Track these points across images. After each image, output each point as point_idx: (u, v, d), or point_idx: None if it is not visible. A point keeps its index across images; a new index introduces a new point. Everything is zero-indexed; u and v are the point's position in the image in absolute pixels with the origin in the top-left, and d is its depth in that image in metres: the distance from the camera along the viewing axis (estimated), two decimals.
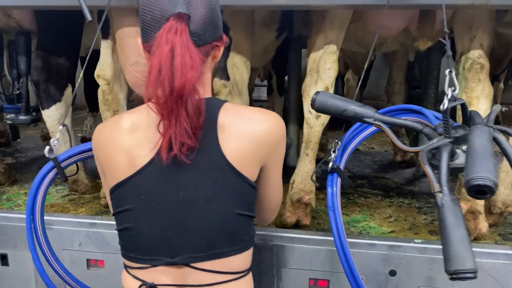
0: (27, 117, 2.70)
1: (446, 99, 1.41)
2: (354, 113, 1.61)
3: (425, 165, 1.37)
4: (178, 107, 1.10)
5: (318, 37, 2.36)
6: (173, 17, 1.11)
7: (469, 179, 1.19)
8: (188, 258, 1.20)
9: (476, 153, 1.26)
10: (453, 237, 1.22)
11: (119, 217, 1.26)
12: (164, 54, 1.09)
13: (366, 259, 1.99)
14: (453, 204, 1.27)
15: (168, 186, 1.19)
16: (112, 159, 1.23)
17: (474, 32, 2.20)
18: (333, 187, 1.78)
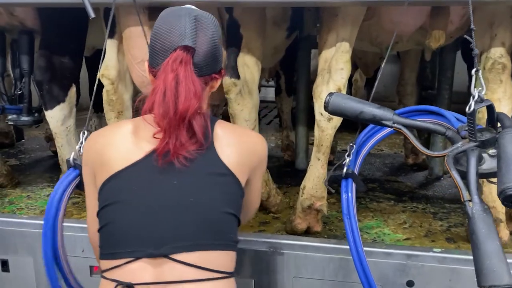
0: (29, 118, 2.62)
1: (472, 101, 1.31)
2: (372, 116, 1.51)
3: (452, 171, 1.28)
4: (180, 127, 1.25)
5: (329, 35, 2.26)
6: (180, 48, 1.27)
7: (505, 188, 1.10)
8: (171, 248, 1.22)
9: (510, 160, 1.16)
10: (487, 249, 1.13)
11: (103, 213, 1.30)
12: (169, 79, 1.24)
13: (382, 269, 1.90)
14: (485, 214, 1.18)
15: (160, 180, 1.27)
16: (107, 154, 1.31)
17: (495, 30, 2.10)
18: (348, 193, 1.68)
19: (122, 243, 1.25)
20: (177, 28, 1.28)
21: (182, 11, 1.32)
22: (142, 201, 1.26)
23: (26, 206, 2.71)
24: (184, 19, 1.29)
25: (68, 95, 2.56)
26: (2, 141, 4.37)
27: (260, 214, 2.57)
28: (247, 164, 1.38)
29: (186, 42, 1.27)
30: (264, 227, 2.43)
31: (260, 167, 1.46)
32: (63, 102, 2.55)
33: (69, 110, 2.60)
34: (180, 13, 1.31)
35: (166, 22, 1.31)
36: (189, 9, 1.34)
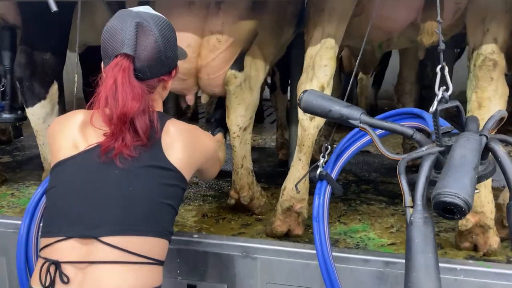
0: (11, 115, 2.58)
1: (435, 101, 1.21)
2: (340, 115, 1.43)
3: (400, 174, 1.20)
4: (123, 130, 1.33)
5: (315, 31, 2.18)
6: (120, 56, 1.35)
7: (436, 194, 1.00)
8: (101, 231, 1.28)
9: (452, 165, 1.07)
10: (416, 262, 1.04)
11: (48, 194, 1.41)
12: (109, 85, 1.32)
13: (359, 276, 1.80)
14: (424, 222, 1.08)
15: (101, 169, 1.34)
16: (59, 141, 1.41)
17: (488, 25, 1.98)
18: (321, 195, 1.60)
19: (56, 222, 1.34)
20: (118, 35, 1.36)
21: (126, 16, 1.39)
22: (81, 187, 1.34)
23: (8, 205, 2.67)
24: (126, 24, 1.36)
25: (49, 92, 2.51)
26: None
27: (243, 216, 2.50)
28: (194, 162, 1.48)
29: (125, 50, 1.35)
30: (245, 229, 2.35)
31: (209, 161, 1.60)
32: (44, 99, 2.50)
33: (51, 107, 2.55)
34: (124, 18, 1.39)
35: (111, 27, 1.39)
36: (135, 13, 1.40)
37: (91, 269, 1.26)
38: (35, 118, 2.53)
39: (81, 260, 1.27)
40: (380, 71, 5.99)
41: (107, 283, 1.26)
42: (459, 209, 1.01)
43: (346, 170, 3.54)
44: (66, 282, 1.25)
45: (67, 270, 1.26)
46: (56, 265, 1.26)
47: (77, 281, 1.26)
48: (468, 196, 1.02)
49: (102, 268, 1.26)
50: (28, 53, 2.45)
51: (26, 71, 2.45)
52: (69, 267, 1.26)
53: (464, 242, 2.09)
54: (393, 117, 1.62)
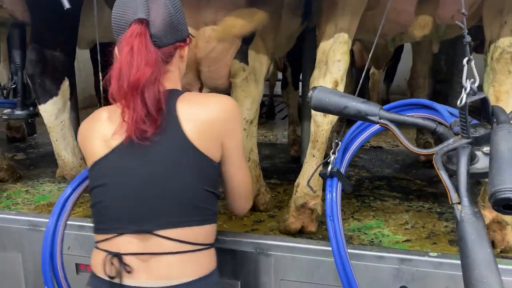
0: (23, 112, 2.61)
1: (464, 93, 1.19)
2: (357, 111, 1.40)
3: (440, 170, 1.16)
4: (134, 97, 1.29)
5: (328, 25, 2.15)
6: (134, 23, 1.32)
7: (496, 191, 0.97)
8: (152, 225, 1.32)
9: (503, 159, 1.03)
10: (477, 258, 1.01)
11: (93, 193, 1.42)
12: (125, 54, 1.29)
13: (374, 273, 1.78)
14: (475, 218, 1.06)
15: (136, 163, 1.34)
16: (91, 144, 1.41)
17: (505, 17, 1.94)
18: (333, 193, 1.58)
19: (109, 220, 1.37)
20: (130, 5, 1.35)
21: None
22: (123, 183, 1.36)
23: (22, 201, 2.69)
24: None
25: (61, 88, 2.53)
26: (13, 135, 4.42)
27: (256, 213, 2.49)
28: (212, 136, 1.38)
29: (139, 15, 1.33)
30: (258, 226, 2.34)
31: (229, 131, 1.42)
32: (56, 96, 2.51)
33: (63, 104, 2.56)
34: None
35: (120, 4, 1.39)
36: None
37: (152, 260, 1.31)
38: (48, 114, 2.54)
39: (141, 252, 1.32)
40: (392, 66, 5.94)
41: (169, 273, 1.32)
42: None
43: (359, 166, 3.52)
44: (129, 272, 1.31)
45: (129, 261, 1.32)
46: (118, 257, 1.31)
47: (140, 271, 1.31)
48: None
49: (163, 259, 1.31)
50: (38, 50, 2.47)
51: (37, 68, 2.47)
52: (130, 258, 1.32)
53: None
54: (401, 107, 1.59)
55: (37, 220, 2.15)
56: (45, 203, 2.63)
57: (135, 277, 1.31)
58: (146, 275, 1.31)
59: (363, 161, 3.68)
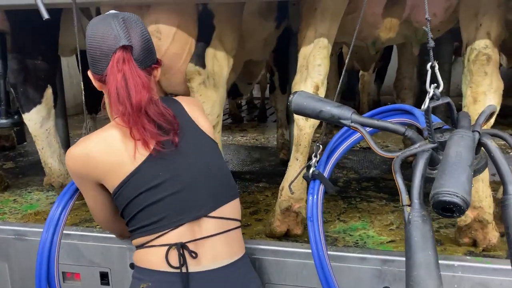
0: (7, 120, 2.61)
1: (427, 98, 1.21)
2: (331, 115, 1.43)
3: (396, 173, 1.19)
4: (140, 118, 1.40)
5: (308, 30, 2.18)
6: (119, 49, 1.40)
7: (434, 194, 1.00)
8: (207, 209, 1.45)
9: (448, 163, 1.06)
10: (417, 260, 1.04)
11: (135, 203, 1.44)
12: (119, 80, 1.38)
13: (356, 274, 1.80)
14: (422, 221, 1.08)
15: (176, 157, 1.45)
16: (114, 162, 1.42)
17: (480, 20, 1.97)
18: (314, 195, 1.60)
19: (165, 217, 1.42)
20: (110, 32, 1.41)
21: (109, 17, 1.45)
22: (172, 180, 1.44)
23: (10, 211, 2.70)
24: (113, 22, 1.42)
25: (44, 96, 2.53)
26: (2, 144, 4.41)
27: (243, 217, 2.50)
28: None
29: (122, 42, 1.40)
30: (245, 230, 2.36)
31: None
32: (39, 104, 2.52)
33: (47, 111, 2.57)
34: (108, 19, 1.44)
35: (98, 30, 1.43)
36: (114, 13, 1.47)
37: (207, 243, 1.44)
38: (32, 123, 2.55)
39: (197, 238, 1.43)
40: (382, 67, 5.98)
41: (221, 253, 1.45)
42: (458, 207, 1.01)
43: (348, 168, 3.54)
44: (195, 257, 1.41)
45: (191, 247, 1.42)
46: (183, 246, 1.40)
47: (200, 255, 1.42)
48: (466, 194, 1.02)
49: (214, 240, 1.45)
50: (20, 59, 2.48)
51: (19, 77, 2.48)
52: (191, 245, 1.42)
53: (463, 238, 2.08)
54: (382, 114, 1.62)
55: (23, 229, 2.16)
56: (32, 212, 2.64)
57: (196, 263, 1.42)
58: (204, 259, 1.42)
59: (352, 162, 3.70)
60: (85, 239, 2.07)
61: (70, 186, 1.75)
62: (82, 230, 2.11)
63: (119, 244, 2.04)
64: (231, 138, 5.16)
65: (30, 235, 2.12)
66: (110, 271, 2.05)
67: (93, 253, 2.07)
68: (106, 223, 1.68)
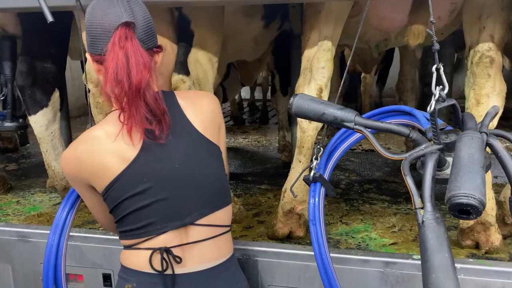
0: (13, 124, 2.62)
1: (433, 100, 1.22)
2: (334, 117, 1.43)
3: (406, 176, 1.18)
4: (137, 100, 1.30)
5: (312, 33, 2.18)
6: (121, 26, 1.30)
7: (451, 196, 1.00)
8: (194, 217, 1.39)
9: (461, 165, 1.06)
10: (434, 262, 1.03)
11: (122, 206, 1.39)
12: (120, 57, 1.28)
13: (359, 276, 1.80)
14: (436, 223, 1.08)
15: (163, 164, 1.37)
16: (100, 164, 1.36)
17: (484, 23, 1.97)
18: (315, 197, 1.60)
19: (151, 223, 1.38)
20: (112, 9, 1.31)
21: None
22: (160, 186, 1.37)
23: (13, 212, 2.71)
24: (117, 1, 1.33)
25: (51, 99, 2.55)
26: (6, 146, 4.43)
27: (245, 219, 2.51)
28: (214, 123, 1.49)
29: (125, 18, 1.30)
30: (247, 232, 2.36)
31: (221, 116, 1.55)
32: (46, 107, 2.54)
33: (53, 115, 2.58)
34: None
35: (98, 8, 1.34)
36: None
37: (194, 247, 1.41)
38: (38, 125, 2.56)
39: (183, 243, 1.40)
40: (384, 69, 5.99)
41: (208, 256, 1.43)
42: (475, 209, 1.01)
43: (350, 170, 3.55)
44: (179, 262, 1.39)
45: (176, 252, 1.39)
46: (167, 251, 1.37)
47: (185, 259, 1.40)
48: (482, 195, 1.02)
49: (202, 245, 1.41)
50: (29, 62, 2.49)
51: (28, 80, 2.50)
52: (176, 250, 1.39)
53: (466, 240, 2.08)
54: (382, 115, 1.61)
55: (27, 231, 2.16)
56: (35, 213, 2.64)
57: (181, 265, 1.39)
58: (190, 262, 1.40)
59: (354, 164, 3.71)
60: (88, 240, 2.08)
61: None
62: (85, 232, 2.12)
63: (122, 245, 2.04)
64: (232, 140, 5.16)
65: (34, 237, 2.13)
66: (113, 272, 2.06)
67: (96, 255, 2.07)
68: (105, 223, 1.63)
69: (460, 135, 1.18)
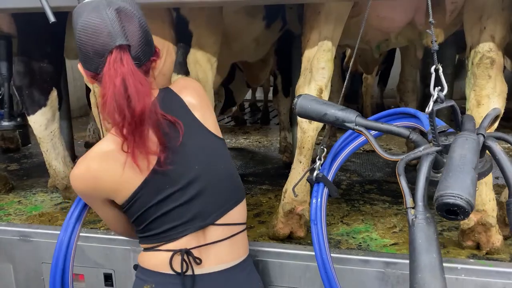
0: (11, 123, 2.63)
1: (431, 101, 1.22)
2: (335, 118, 1.44)
3: (399, 176, 1.19)
4: (141, 128, 1.30)
5: (312, 33, 2.19)
6: (115, 49, 1.25)
7: (438, 196, 1.00)
8: (215, 216, 1.43)
9: (452, 166, 1.06)
10: (421, 262, 1.04)
11: (145, 215, 1.41)
12: (117, 85, 1.24)
13: (359, 277, 1.81)
14: (426, 223, 1.08)
15: (183, 168, 1.39)
16: (118, 179, 1.36)
17: (484, 23, 1.97)
18: (318, 198, 1.60)
19: (173, 227, 1.40)
20: (103, 27, 1.24)
21: (100, 6, 1.26)
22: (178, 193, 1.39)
23: (15, 212, 2.71)
24: (106, 15, 1.24)
25: (49, 99, 2.55)
26: (7, 146, 4.44)
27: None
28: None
29: (119, 41, 1.25)
30: (248, 232, 2.33)
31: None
32: (44, 107, 2.54)
33: (52, 114, 2.59)
34: (100, 9, 1.25)
35: (89, 23, 1.26)
36: (107, 2, 1.27)
37: (211, 248, 1.43)
38: (37, 125, 2.57)
39: (201, 244, 1.42)
40: (386, 70, 5.99)
41: (225, 256, 1.45)
42: (462, 210, 1.01)
43: (351, 170, 3.55)
44: (199, 263, 1.41)
45: (195, 253, 1.41)
46: (188, 252, 1.40)
47: (204, 260, 1.42)
48: (471, 196, 1.02)
49: (218, 246, 1.44)
50: (26, 62, 2.50)
51: (25, 80, 2.50)
52: (194, 251, 1.41)
53: (466, 241, 2.08)
54: (387, 117, 1.62)
55: (28, 230, 2.17)
56: (37, 213, 2.65)
57: (200, 266, 1.42)
58: (207, 263, 1.42)
59: (355, 165, 3.71)
60: (89, 240, 2.08)
61: None
62: (87, 231, 2.12)
63: (123, 245, 2.05)
64: (234, 140, 5.17)
65: (35, 237, 2.14)
66: (114, 272, 2.06)
67: (97, 255, 2.08)
68: (122, 231, 1.62)
69: (456, 136, 1.18)
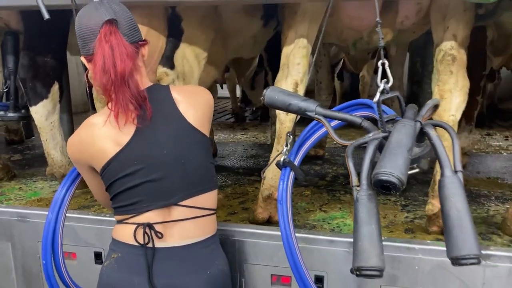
0: (15, 114, 2.80)
1: (378, 92, 1.38)
2: (298, 107, 1.59)
3: (348, 158, 1.35)
4: (122, 86, 1.47)
5: (289, 31, 2.34)
6: (105, 24, 1.48)
7: (374, 174, 1.17)
8: (178, 198, 1.56)
9: (389, 148, 1.22)
10: (362, 233, 1.20)
11: (115, 185, 1.57)
12: (106, 50, 1.45)
13: (326, 256, 1.96)
14: (368, 199, 1.25)
15: (152, 149, 1.54)
16: (98, 147, 1.54)
17: (447, 23, 2.12)
18: (284, 180, 1.76)
19: (139, 201, 1.55)
20: (96, 13, 1.49)
21: (93, 2, 1.53)
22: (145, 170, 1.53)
23: (15, 197, 2.90)
24: (98, 5, 1.51)
25: (51, 91, 2.73)
26: (12, 138, 4.64)
27: (233, 204, 2.67)
28: (206, 117, 1.66)
29: (107, 17, 1.48)
30: (231, 217, 2.52)
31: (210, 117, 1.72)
32: (46, 99, 2.71)
33: (53, 106, 2.76)
34: (92, 4, 1.53)
35: (84, 15, 1.52)
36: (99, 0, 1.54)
37: (176, 225, 1.57)
38: (38, 116, 2.74)
39: (166, 220, 1.56)
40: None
41: (189, 233, 1.59)
42: (393, 185, 1.18)
43: (338, 164, 3.69)
44: (160, 237, 1.55)
45: (158, 229, 1.55)
46: (150, 226, 1.54)
47: (167, 235, 1.56)
48: (401, 174, 1.19)
49: (183, 224, 1.58)
50: (31, 56, 2.68)
51: (29, 73, 2.68)
52: (158, 226, 1.55)
53: (432, 226, 2.23)
54: (348, 108, 1.77)
55: (26, 212, 2.34)
56: (35, 198, 2.84)
57: (162, 240, 1.55)
58: (170, 238, 1.56)
59: (343, 159, 3.85)
60: (81, 221, 2.25)
61: (74, 171, 1.89)
62: (79, 213, 2.29)
63: (112, 226, 2.20)
64: (231, 136, 5.32)
65: (32, 217, 2.31)
66: (103, 251, 2.23)
67: (88, 235, 2.25)
68: (103, 200, 1.79)
69: (396, 123, 1.33)
